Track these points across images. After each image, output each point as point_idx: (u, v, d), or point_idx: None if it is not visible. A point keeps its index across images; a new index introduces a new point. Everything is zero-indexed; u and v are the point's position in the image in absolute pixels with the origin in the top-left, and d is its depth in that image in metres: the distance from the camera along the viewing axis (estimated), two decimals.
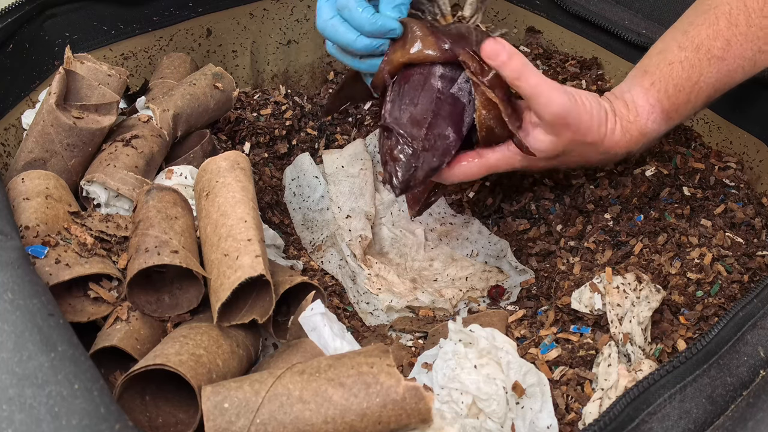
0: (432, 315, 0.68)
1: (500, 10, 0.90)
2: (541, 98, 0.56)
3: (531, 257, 0.72)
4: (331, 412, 0.41)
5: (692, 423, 0.41)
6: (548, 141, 0.59)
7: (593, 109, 0.58)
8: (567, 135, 0.58)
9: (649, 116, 0.60)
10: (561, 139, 0.59)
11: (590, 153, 0.60)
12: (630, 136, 0.60)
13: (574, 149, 0.60)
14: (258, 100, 0.83)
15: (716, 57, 0.58)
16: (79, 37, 0.74)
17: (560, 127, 0.58)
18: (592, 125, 0.58)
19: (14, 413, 0.34)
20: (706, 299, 0.55)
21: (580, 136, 0.58)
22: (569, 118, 0.57)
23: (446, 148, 0.59)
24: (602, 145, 0.59)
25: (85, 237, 0.52)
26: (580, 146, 0.59)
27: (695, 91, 0.59)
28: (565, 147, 0.59)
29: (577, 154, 0.61)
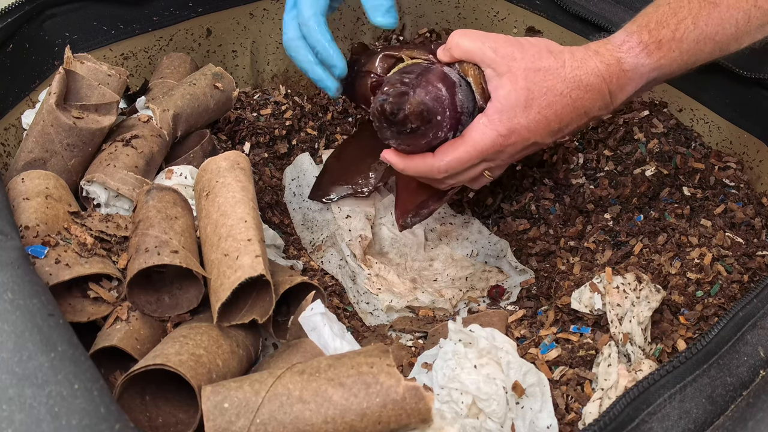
0: (432, 315, 0.68)
1: (500, 10, 0.90)
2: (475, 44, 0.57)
3: (531, 257, 0.72)
4: (331, 412, 0.41)
5: (692, 423, 0.41)
6: (507, 83, 0.56)
7: (538, 40, 0.58)
8: (517, 65, 0.56)
9: (624, 43, 0.57)
10: (515, 74, 0.56)
11: (559, 86, 0.56)
12: (601, 59, 0.57)
13: (538, 82, 0.56)
14: (258, 100, 0.83)
15: (708, 1, 0.57)
16: (79, 37, 0.74)
17: (506, 60, 0.56)
18: (541, 50, 0.56)
19: (14, 413, 0.34)
20: (706, 299, 0.55)
21: (530, 61, 0.56)
22: (509, 46, 0.56)
23: (438, 96, 0.58)
24: (564, 71, 0.56)
25: (85, 237, 0.52)
26: (541, 76, 0.56)
27: (681, 29, 0.57)
28: (527, 82, 0.56)
29: (548, 90, 0.56)
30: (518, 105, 0.56)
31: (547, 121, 0.57)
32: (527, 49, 0.57)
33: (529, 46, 0.57)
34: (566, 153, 0.76)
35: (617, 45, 0.57)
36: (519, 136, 0.58)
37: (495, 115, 0.57)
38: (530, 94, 0.56)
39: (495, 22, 0.91)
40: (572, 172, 0.74)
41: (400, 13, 0.97)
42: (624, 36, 0.58)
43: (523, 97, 0.56)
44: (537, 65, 0.56)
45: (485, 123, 0.57)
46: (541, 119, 0.57)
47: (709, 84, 0.72)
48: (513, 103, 0.56)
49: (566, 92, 0.57)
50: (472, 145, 0.58)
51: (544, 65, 0.56)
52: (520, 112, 0.57)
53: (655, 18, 0.57)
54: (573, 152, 0.75)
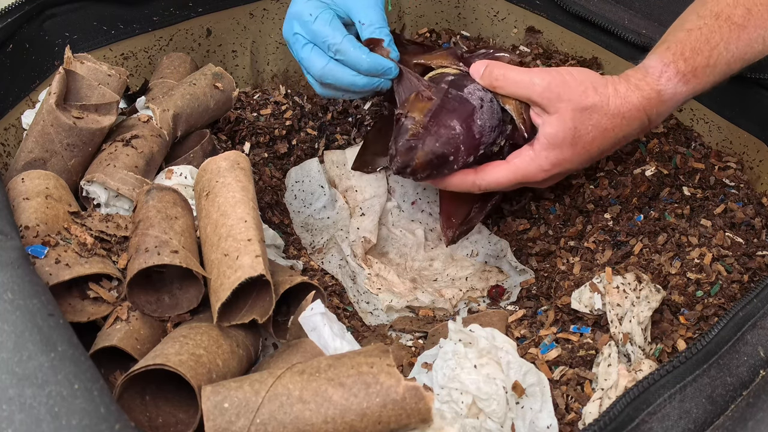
0: (432, 315, 0.68)
1: (500, 10, 0.90)
2: (521, 85, 0.59)
3: (531, 257, 0.72)
4: (331, 412, 0.41)
5: (692, 423, 0.41)
6: (555, 122, 0.59)
7: (581, 75, 0.59)
8: (565, 106, 0.58)
9: (662, 74, 0.59)
10: (563, 115, 0.59)
11: (604, 122, 0.59)
12: (641, 93, 0.59)
13: (584, 121, 0.59)
14: (258, 100, 0.83)
15: (736, 24, 0.58)
16: (79, 37, 0.74)
17: (553, 102, 0.58)
18: (586, 88, 0.58)
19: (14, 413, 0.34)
20: (706, 299, 0.55)
21: (577, 101, 0.58)
22: (555, 87, 0.58)
23: (450, 137, 0.60)
24: (608, 107, 0.59)
25: (85, 237, 0.52)
26: (587, 115, 0.58)
27: (714, 55, 0.58)
28: (575, 122, 0.59)
29: (592, 127, 0.59)
30: (565, 143, 0.60)
31: (589, 154, 0.61)
32: (573, 87, 0.59)
33: (576, 84, 0.59)
34: None
35: (656, 77, 0.60)
36: (561, 168, 0.62)
37: (542, 152, 0.61)
38: (577, 133, 0.59)
39: (495, 22, 0.91)
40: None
41: (400, 13, 0.97)
42: (661, 66, 0.60)
43: (570, 136, 0.59)
44: (584, 104, 0.59)
45: (531, 157, 0.61)
46: (584, 153, 0.61)
47: None
48: (560, 142, 0.60)
49: (610, 127, 0.60)
50: (514, 173, 0.62)
51: (590, 103, 0.58)
52: (567, 149, 0.60)
53: (689, 45, 0.59)
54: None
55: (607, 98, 0.59)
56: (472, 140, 0.62)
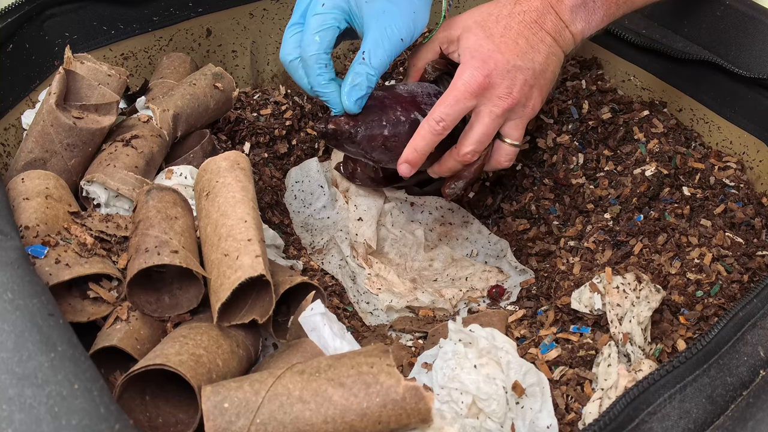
0: (432, 315, 0.68)
1: None
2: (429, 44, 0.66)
3: (531, 257, 0.72)
4: (331, 411, 0.41)
5: (692, 423, 0.41)
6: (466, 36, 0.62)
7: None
8: (466, 20, 0.63)
9: None
10: (468, 26, 0.62)
11: (502, 9, 0.62)
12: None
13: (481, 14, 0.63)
14: (258, 100, 0.83)
15: None
16: (79, 37, 0.74)
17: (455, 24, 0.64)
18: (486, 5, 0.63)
19: (14, 413, 0.34)
20: (706, 299, 0.55)
21: (474, 14, 0.63)
22: (456, 17, 0.63)
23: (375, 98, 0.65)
24: (501, 3, 0.62)
25: (85, 237, 0.52)
26: (486, 13, 0.62)
27: None
28: (472, 17, 0.63)
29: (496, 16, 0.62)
30: (480, 40, 0.62)
31: (512, 39, 0.61)
32: (470, 12, 0.64)
33: (472, 10, 0.64)
34: (566, 153, 0.76)
35: None
36: (494, 61, 0.61)
37: (466, 58, 0.62)
38: (486, 27, 0.62)
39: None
40: (572, 172, 0.74)
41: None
42: None
43: (481, 33, 0.62)
44: (480, 12, 0.63)
45: (461, 68, 0.62)
46: (505, 40, 0.61)
47: (709, 84, 0.72)
48: (474, 43, 0.62)
49: (512, 12, 0.62)
50: (455, 87, 0.62)
51: (485, 9, 0.63)
52: (485, 43, 0.61)
53: None
54: (573, 152, 0.75)
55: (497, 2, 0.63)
56: (402, 97, 0.65)
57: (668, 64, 0.75)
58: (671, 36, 0.74)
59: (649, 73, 0.78)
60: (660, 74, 0.77)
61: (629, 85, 0.80)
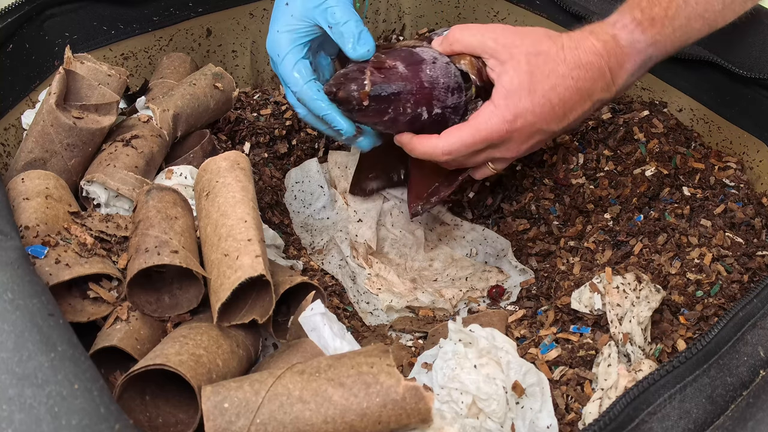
0: (432, 315, 0.68)
1: (500, 10, 0.90)
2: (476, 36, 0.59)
3: (531, 257, 0.72)
4: (331, 411, 0.41)
5: (692, 423, 0.41)
6: (510, 69, 0.58)
7: (536, 28, 0.60)
8: (519, 51, 0.57)
9: (617, 22, 0.59)
10: (517, 60, 0.57)
11: (560, 68, 0.57)
12: (596, 38, 0.58)
13: (540, 65, 0.57)
14: (258, 100, 0.83)
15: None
16: (79, 37, 0.74)
17: (507, 48, 0.58)
18: (539, 36, 0.58)
19: (14, 413, 0.34)
20: (706, 299, 0.55)
21: (531, 46, 0.57)
22: (510, 35, 0.58)
23: (394, 74, 0.60)
24: (564, 53, 0.58)
25: (85, 237, 0.52)
26: (542, 60, 0.57)
27: (672, 7, 0.58)
28: (530, 66, 0.57)
29: (549, 73, 0.57)
30: (522, 89, 0.57)
31: (551, 104, 0.58)
32: (526, 35, 0.58)
33: (528, 32, 0.59)
34: (566, 153, 0.76)
35: (611, 23, 0.59)
36: (524, 120, 0.58)
37: (501, 100, 0.58)
38: (533, 78, 0.57)
39: (495, 22, 0.91)
40: (572, 172, 0.74)
41: (400, 13, 0.97)
42: (617, 15, 0.59)
43: (526, 80, 0.57)
44: (537, 49, 0.57)
45: (491, 109, 0.58)
46: (546, 102, 0.58)
47: (709, 84, 0.72)
48: (517, 87, 0.57)
49: (567, 73, 0.58)
50: (477, 129, 0.59)
51: (544, 49, 0.58)
52: (525, 96, 0.58)
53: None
54: (573, 152, 0.75)
55: (561, 44, 0.58)
56: (422, 88, 0.60)
57: (668, 64, 0.75)
58: None
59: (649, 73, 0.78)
60: (660, 74, 0.77)
61: None
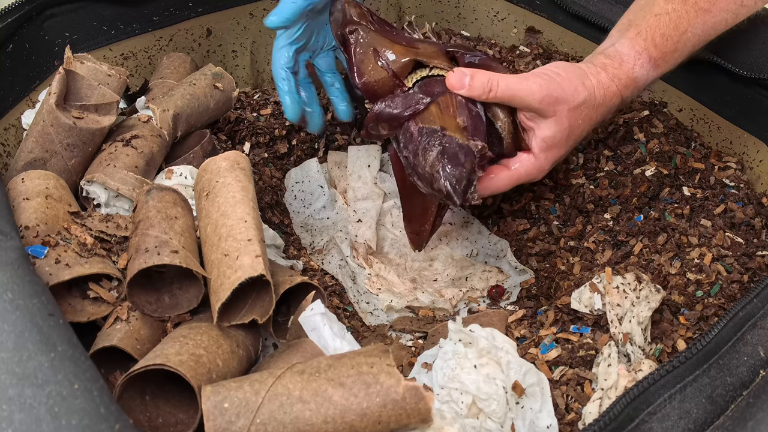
0: (432, 315, 0.68)
1: (500, 10, 0.90)
2: (520, 93, 0.59)
3: (531, 257, 0.72)
4: (331, 411, 0.41)
5: (692, 423, 0.41)
6: (553, 125, 0.61)
7: (568, 72, 0.61)
8: (562, 108, 0.60)
9: (636, 62, 0.62)
10: (560, 117, 0.60)
11: (591, 113, 0.62)
12: (619, 81, 0.62)
13: (577, 117, 0.61)
14: (258, 100, 0.83)
15: (702, 9, 0.61)
16: (79, 37, 0.74)
17: (551, 106, 0.60)
18: (576, 86, 0.60)
19: (14, 413, 0.34)
20: (706, 299, 0.55)
21: (572, 101, 0.60)
22: (553, 92, 0.59)
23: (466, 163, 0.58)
24: (595, 99, 0.61)
25: (85, 237, 0.52)
26: (579, 111, 0.61)
27: (682, 41, 0.62)
28: (570, 120, 0.61)
29: (582, 120, 0.62)
30: (561, 142, 0.62)
31: (577, 142, 0.64)
32: (566, 88, 0.60)
33: (568, 84, 0.60)
34: None
35: (631, 66, 0.62)
36: (557, 162, 0.65)
37: (541, 153, 0.62)
38: (571, 130, 0.62)
39: (495, 22, 0.91)
40: (572, 172, 0.74)
41: (399, 13, 0.97)
42: (635, 54, 0.62)
43: (566, 135, 0.62)
44: (576, 102, 0.61)
45: (532, 161, 0.63)
46: (573, 144, 0.64)
47: (709, 84, 0.72)
48: (557, 142, 0.62)
49: (594, 116, 0.63)
50: (517, 178, 0.63)
51: (581, 100, 0.61)
52: (563, 146, 0.63)
53: (659, 31, 0.62)
54: (573, 152, 0.75)
55: (593, 90, 0.61)
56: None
57: None
58: None
59: None
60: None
61: None
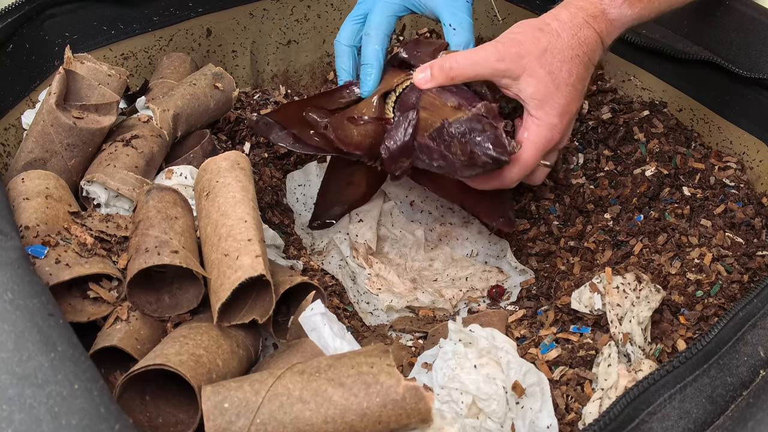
0: (432, 315, 0.68)
1: (500, 10, 0.90)
2: (480, 61, 0.59)
3: (531, 257, 0.72)
4: (331, 411, 0.41)
5: (692, 423, 0.41)
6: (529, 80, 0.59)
7: (522, 26, 0.60)
8: (528, 61, 0.58)
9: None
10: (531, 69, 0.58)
11: (567, 53, 0.59)
12: (585, 12, 0.59)
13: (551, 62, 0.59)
14: (258, 100, 0.83)
15: None
16: (79, 37, 0.74)
17: (515, 62, 0.58)
18: (533, 33, 0.59)
19: (14, 413, 0.34)
20: (706, 299, 0.55)
21: (534, 50, 0.58)
22: (510, 49, 0.58)
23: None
24: (561, 38, 0.59)
25: (85, 237, 0.52)
26: (550, 56, 0.58)
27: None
28: (544, 68, 0.58)
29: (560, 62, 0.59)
30: (550, 91, 0.59)
31: (574, 87, 0.60)
32: (523, 41, 0.59)
33: (523, 37, 0.59)
34: (566, 153, 0.76)
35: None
36: (566, 113, 0.60)
37: (538, 111, 0.59)
38: (553, 76, 0.59)
39: (495, 22, 0.91)
40: (572, 172, 0.74)
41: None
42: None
43: (549, 81, 0.59)
44: (540, 48, 0.58)
45: (536, 123, 0.60)
46: (571, 88, 0.60)
47: (709, 84, 0.72)
48: (546, 93, 0.59)
49: (573, 54, 0.59)
50: (535, 148, 0.60)
51: (545, 44, 0.58)
52: (555, 94, 0.59)
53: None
54: (573, 152, 0.75)
55: (555, 32, 0.59)
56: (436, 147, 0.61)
57: (668, 64, 0.75)
58: (671, 36, 0.74)
59: (649, 73, 0.78)
60: (660, 74, 0.77)
61: (629, 85, 0.80)
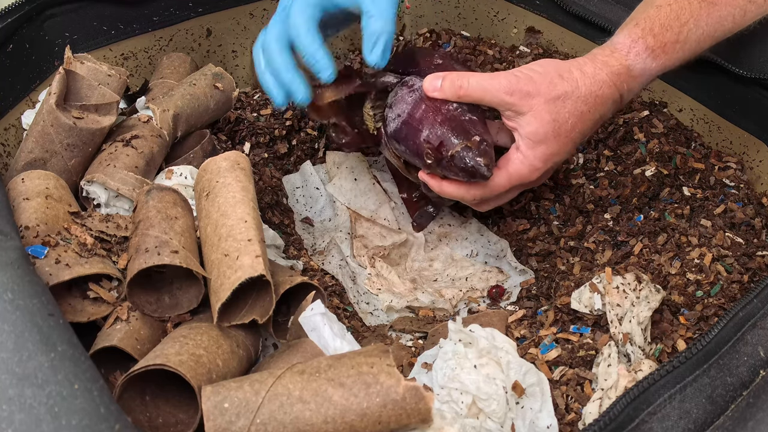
0: (432, 315, 0.68)
1: (500, 10, 0.90)
2: (490, 89, 0.58)
3: (531, 257, 0.72)
4: (331, 412, 0.41)
5: (692, 423, 0.41)
6: (532, 120, 0.58)
7: (545, 67, 0.59)
8: (537, 101, 0.57)
9: (630, 50, 0.59)
10: (538, 110, 0.57)
11: (579, 106, 0.58)
12: (609, 69, 0.58)
13: (559, 110, 0.58)
14: (258, 100, 0.83)
15: (707, 1, 0.59)
16: (79, 37, 0.74)
17: (523, 99, 0.57)
18: (552, 78, 0.58)
19: (14, 413, 0.34)
20: (706, 299, 0.55)
21: (547, 93, 0.57)
22: (523, 86, 0.57)
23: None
24: (579, 90, 0.58)
25: (85, 237, 0.52)
26: (561, 104, 0.57)
27: (684, 31, 0.59)
28: (551, 114, 0.57)
29: (569, 113, 0.58)
30: (548, 137, 0.58)
31: (573, 140, 0.60)
32: (540, 81, 0.58)
33: (541, 78, 0.58)
34: None
35: (624, 53, 0.59)
36: (552, 161, 0.60)
37: (528, 150, 0.59)
38: (557, 124, 0.58)
39: (495, 22, 0.91)
40: (572, 172, 0.74)
41: (399, 13, 0.97)
42: (629, 42, 0.59)
43: (551, 128, 0.58)
44: (555, 94, 0.57)
45: (521, 159, 0.59)
46: (569, 141, 0.59)
47: (709, 84, 0.72)
48: (543, 138, 0.58)
49: (586, 110, 0.59)
50: (508, 179, 0.60)
51: (561, 92, 0.57)
52: (552, 142, 0.59)
53: (659, 22, 0.59)
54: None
55: (576, 82, 0.58)
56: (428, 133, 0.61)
57: None
58: None
59: None
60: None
61: None
